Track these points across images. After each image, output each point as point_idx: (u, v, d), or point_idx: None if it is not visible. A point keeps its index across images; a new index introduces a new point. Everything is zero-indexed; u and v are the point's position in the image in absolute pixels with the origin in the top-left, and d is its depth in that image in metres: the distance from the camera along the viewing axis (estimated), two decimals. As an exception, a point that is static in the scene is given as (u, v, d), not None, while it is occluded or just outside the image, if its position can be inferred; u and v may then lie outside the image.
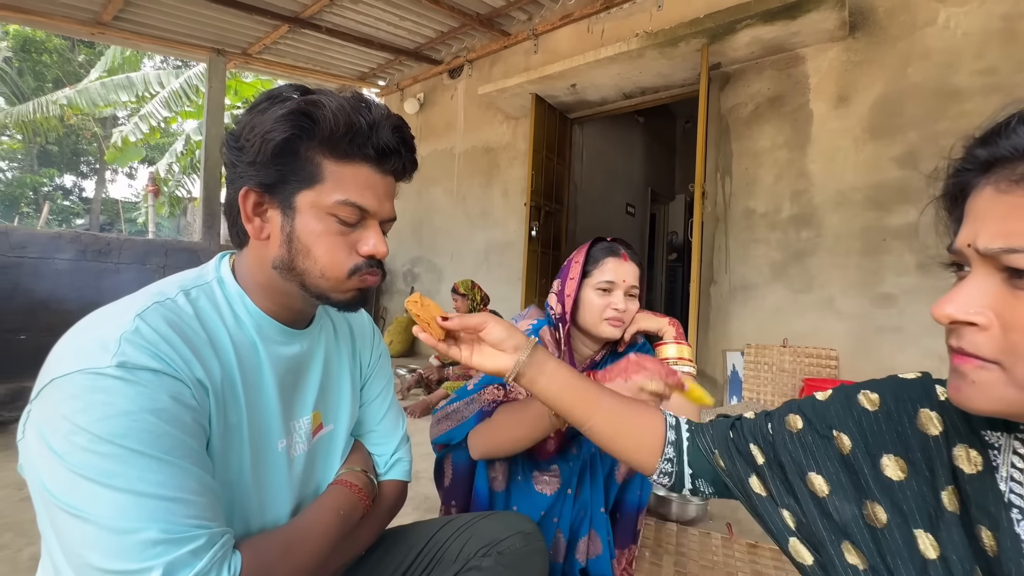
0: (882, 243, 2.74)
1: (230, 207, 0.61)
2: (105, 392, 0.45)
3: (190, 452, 0.49)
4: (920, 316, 2.60)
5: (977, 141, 0.40)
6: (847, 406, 0.52)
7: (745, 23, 2.84)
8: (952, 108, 2.55)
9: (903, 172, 2.68)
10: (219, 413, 0.55)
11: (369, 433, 0.81)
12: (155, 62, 12.38)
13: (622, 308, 1.08)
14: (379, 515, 0.76)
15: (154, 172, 10.96)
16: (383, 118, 0.59)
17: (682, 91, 3.69)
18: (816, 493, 0.50)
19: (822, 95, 2.95)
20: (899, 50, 2.70)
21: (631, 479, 1.14)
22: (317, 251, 0.59)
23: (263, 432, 0.61)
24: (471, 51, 4.77)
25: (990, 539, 0.40)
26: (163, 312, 0.53)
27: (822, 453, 0.51)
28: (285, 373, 0.65)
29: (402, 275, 5.47)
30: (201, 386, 0.53)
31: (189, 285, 0.59)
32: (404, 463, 0.83)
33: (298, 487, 0.67)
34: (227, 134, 0.60)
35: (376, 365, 0.82)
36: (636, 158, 5.89)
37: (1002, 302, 0.36)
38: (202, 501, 0.48)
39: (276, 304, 0.63)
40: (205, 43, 4.71)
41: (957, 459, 0.44)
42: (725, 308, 3.31)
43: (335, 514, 0.66)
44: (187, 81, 8.13)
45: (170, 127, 13.02)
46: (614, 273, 1.09)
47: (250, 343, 0.61)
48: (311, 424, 0.69)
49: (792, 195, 3.05)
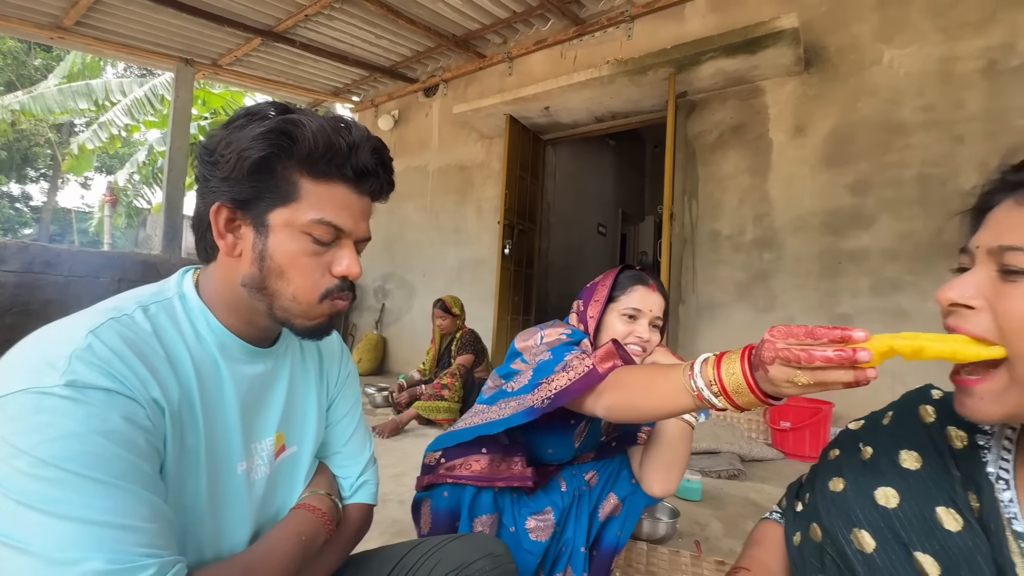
0: (838, 266, 2.88)
1: (199, 221, 0.59)
2: (50, 413, 0.42)
3: (142, 476, 0.46)
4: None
5: (1012, 168, 0.47)
6: (874, 426, 0.62)
7: (709, 55, 2.99)
8: (897, 141, 2.74)
9: (855, 199, 2.85)
10: (175, 435, 0.52)
11: (335, 455, 0.79)
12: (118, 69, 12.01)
13: (646, 337, 1.07)
14: (343, 540, 0.73)
15: (112, 182, 10.53)
16: (363, 139, 0.59)
17: (651, 117, 3.82)
18: (835, 490, 0.57)
19: (781, 125, 3.12)
20: (850, 86, 2.89)
21: (613, 518, 1.13)
22: (290, 272, 0.57)
23: (222, 454, 0.59)
24: (446, 71, 4.83)
25: (975, 501, 0.48)
26: (119, 329, 0.50)
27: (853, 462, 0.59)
28: (248, 393, 0.62)
29: (373, 291, 5.39)
30: (157, 406, 0.50)
31: (148, 301, 0.57)
32: (371, 486, 0.80)
33: (258, 512, 0.64)
34: (201, 148, 0.58)
35: (344, 384, 0.80)
36: (607, 180, 6.04)
37: (994, 291, 0.44)
38: (153, 528, 0.45)
39: (242, 322, 0.61)
40: (173, 52, 4.61)
41: (949, 438, 0.53)
42: (693, 327, 3.39)
43: (296, 540, 0.63)
44: (152, 90, 7.90)
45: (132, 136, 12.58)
46: (641, 301, 1.08)
47: (211, 361, 0.59)
48: (274, 446, 0.66)
49: (754, 219, 3.19)
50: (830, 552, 0.54)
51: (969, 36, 2.57)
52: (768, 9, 3.10)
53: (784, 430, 2.66)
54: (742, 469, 2.30)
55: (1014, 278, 0.42)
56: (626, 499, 1.13)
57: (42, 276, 3.56)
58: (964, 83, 2.58)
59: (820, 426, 2.59)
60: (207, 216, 0.57)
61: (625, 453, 1.19)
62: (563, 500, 1.13)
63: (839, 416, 2.76)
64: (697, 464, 2.30)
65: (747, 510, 1.90)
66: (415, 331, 4.92)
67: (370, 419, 3.11)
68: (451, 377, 2.99)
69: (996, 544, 0.45)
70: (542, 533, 1.08)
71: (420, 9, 3.89)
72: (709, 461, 2.35)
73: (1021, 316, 0.41)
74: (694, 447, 2.44)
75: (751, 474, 2.34)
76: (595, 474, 1.18)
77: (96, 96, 8.21)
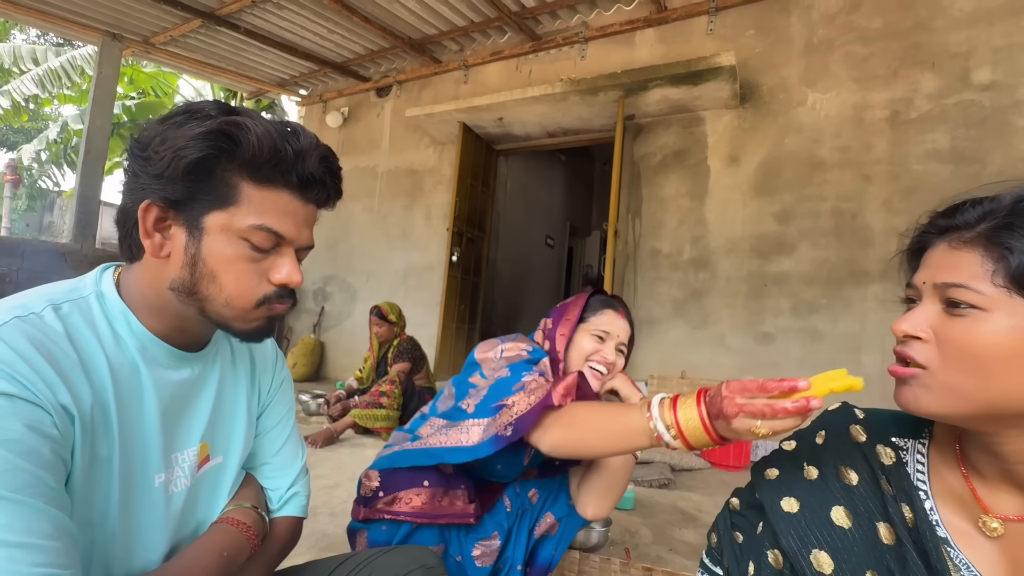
0: (763, 287, 3.11)
1: (125, 217, 0.55)
2: None
3: (44, 489, 0.42)
4: (792, 353, 2.97)
5: (939, 214, 0.54)
6: (810, 447, 0.65)
7: (656, 83, 3.16)
8: (817, 176, 3.01)
9: (780, 227, 3.10)
10: (85, 444, 0.48)
11: (264, 465, 0.75)
12: (29, 35, 10.86)
13: (611, 359, 1.11)
14: (268, 555, 0.70)
15: (15, 159, 9.45)
16: (311, 147, 0.57)
17: (600, 136, 3.97)
18: (791, 511, 0.59)
19: (717, 154, 3.34)
20: (778, 123, 3.16)
21: (549, 537, 1.15)
22: (224, 277, 0.55)
23: (137, 465, 0.55)
24: (401, 72, 4.77)
25: (909, 512, 0.53)
26: (25, 328, 0.46)
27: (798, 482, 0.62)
28: (171, 400, 0.58)
29: (312, 294, 5.17)
30: (66, 413, 0.46)
31: (60, 299, 0.52)
32: (301, 498, 0.77)
33: (175, 527, 0.60)
34: (133, 141, 0.54)
35: (277, 391, 0.77)
36: (557, 193, 6.18)
37: (940, 324, 0.50)
38: (54, 546, 0.41)
39: (167, 325, 0.58)
40: (98, 25, 4.23)
41: (879, 455, 0.58)
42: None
43: (217, 555, 0.59)
44: (70, 61, 7.18)
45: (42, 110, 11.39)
46: (611, 324, 1.14)
47: (131, 366, 0.55)
48: (197, 456, 0.62)
49: (692, 239, 3.38)
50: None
51: (878, 88, 2.89)
52: (710, 45, 3.33)
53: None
54: (672, 478, 2.41)
55: (958, 311, 0.48)
56: (562, 520, 1.15)
57: (-80, 260, 3.12)
58: (873, 128, 2.89)
59: (743, 436, 2.77)
60: (134, 213, 0.54)
61: (567, 472, 1.21)
62: (508, 520, 1.13)
63: (760, 427, 2.97)
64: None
65: (675, 517, 1.99)
66: (355, 336, 4.77)
67: (303, 428, 2.97)
68: (390, 384, 2.92)
69: (930, 551, 0.50)
70: (487, 559, 1.08)
71: (376, 8, 3.83)
72: (642, 470, 2.45)
73: (959, 344, 0.48)
74: (629, 456, 2.53)
75: (680, 483, 2.46)
76: (536, 492, 1.19)
77: (2, 61, 7.36)
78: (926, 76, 2.77)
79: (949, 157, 2.69)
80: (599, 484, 1.10)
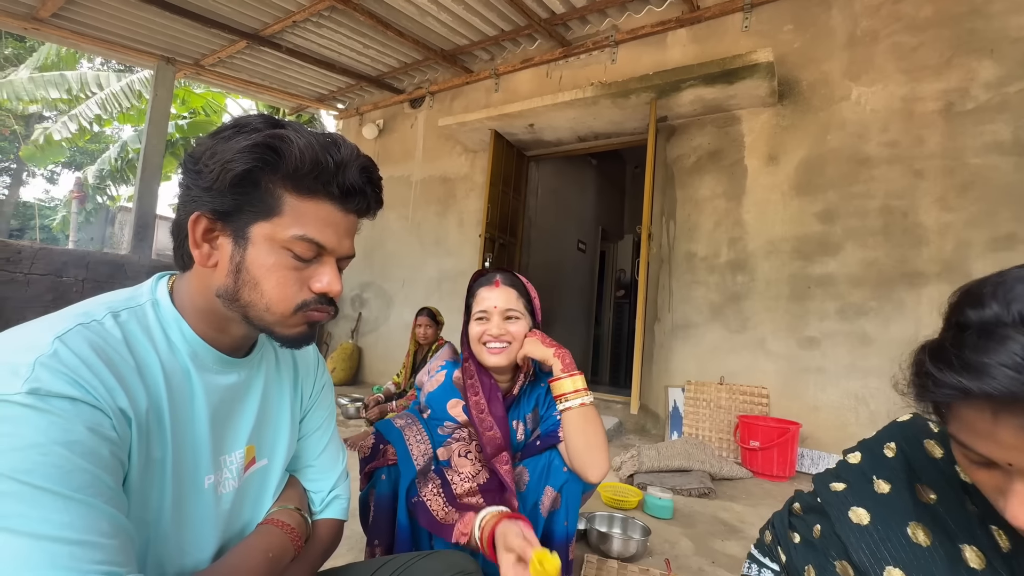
0: (807, 290, 2.99)
1: (178, 228, 0.59)
2: (11, 422, 0.41)
3: (103, 489, 0.45)
4: (840, 358, 2.82)
5: (956, 367, 0.40)
6: (879, 459, 0.61)
7: (689, 83, 3.09)
8: (863, 173, 2.87)
9: (823, 227, 2.96)
10: (141, 446, 0.51)
11: (306, 468, 0.77)
12: (95, 63, 11.68)
13: (495, 332, 1.10)
14: (312, 557, 0.72)
15: (81, 177, 10.17)
16: (352, 158, 0.58)
17: (632, 139, 3.92)
18: (860, 523, 0.56)
19: (755, 153, 3.24)
20: (820, 119, 3.03)
21: (556, 511, 1.13)
22: (265, 284, 0.57)
23: (189, 467, 0.57)
24: (433, 83, 4.87)
25: (1002, 538, 0.48)
26: (87, 335, 0.49)
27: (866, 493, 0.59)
28: (219, 404, 0.61)
29: (350, 300, 5.31)
30: (123, 416, 0.49)
31: (119, 307, 0.55)
32: (342, 500, 0.79)
33: (224, 527, 0.62)
34: (186, 155, 0.57)
35: (318, 396, 0.79)
36: (588, 197, 6.13)
37: None
38: (113, 544, 0.44)
39: (215, 331, 0.60)
40: (154, 50, 4.52)
41: (960, 473, 0.53)
42: (668, 345, 3.45)
43: (263, 556, 0.61)
44: (129, 85, 7.69)
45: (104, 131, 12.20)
46: (485, 301, 1.13)
47: (183, 371, 0.58)
48: (244, 459, 0.65)
49: (729, 241, 3.28)
50: None
51: (929, 79, 2.74)
52: (745, 42, 3.24)
53: (753, 449, 2.72)
54: (712, 487, 2.33)
55: None
56: (562, 488, 1.13)
57: (1, 273, 3.40)
58: (924, 121, 2.73)
59: (787, 446, 2.65)
60: (186, 224, 0.57)
61: (554, 448, 1.20)
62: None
63: (805, 436, 2.84)
64: (669, 482, 2.32)
65: (717, 528, 1.93)
66: (391, 341, 4.87)
67: (342, 431, 3.04)
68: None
69: None
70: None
71: (409, 22, 3.92)
72: (680, 479, 2.38)
73: None
74: (666, 464, 2.46)
75: (721, 492, 2.37)
76: (523, 469, 1.18)
77: (70, 87, 7.95)
78: (984, 64, 2.60)
79: (1012, 149, 2.51)
80: (578, 446, 1.07)
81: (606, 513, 1.82)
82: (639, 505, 2.08)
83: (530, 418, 1.22)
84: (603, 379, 6.35)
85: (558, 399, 1.08)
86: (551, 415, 1.19)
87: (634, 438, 3.36)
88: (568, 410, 1.06)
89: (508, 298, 1.13)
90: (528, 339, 1.12)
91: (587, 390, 1.09)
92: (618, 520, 1.78)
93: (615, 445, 3.16)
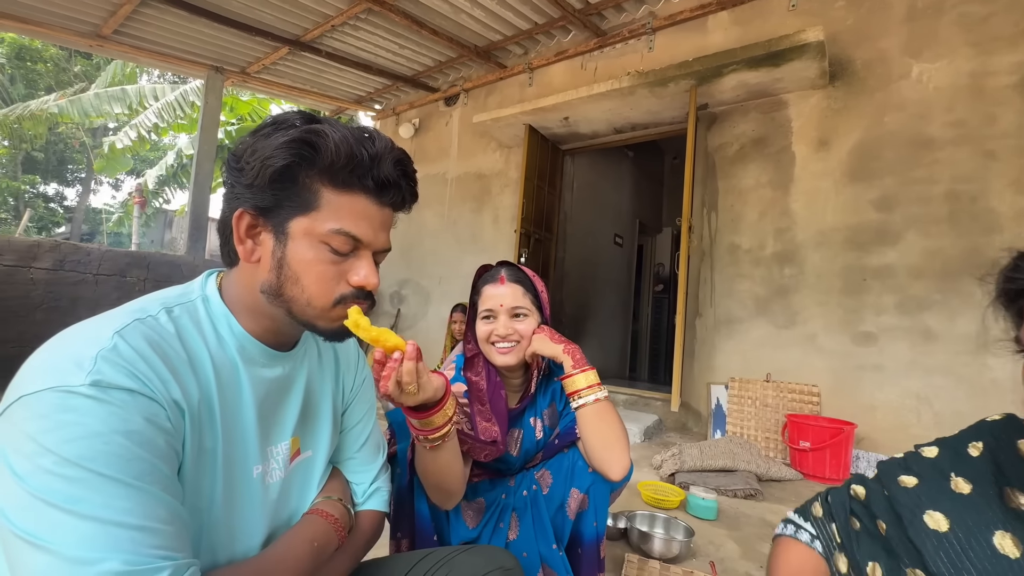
0: (862, 283, 2.81)
1: (224, 226, 0.60)
2: (76, 412, 0.43)
3: (161, 477, 0.47)
4: (899, 355, 2.65)
5: None
6: (961, 457, 0.57)
7: (731, 68, 2.97)
8: (926, 156, 2.67)
9: (880, 215, 2.78)
10: (194, 436, 0.53)
11: (348, 460, 0.79)
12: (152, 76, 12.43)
13: (502, 333, 1.07)
14: (354, 547, 0.73)
15: (142, 183, 10.86)
16: (386, 151, 0.59)
17: (671, 128, 3.80)
18: (937, 529, 0.52)
19: (804, 139, 3.07)
20: (876, 100, 2.84)
21: (584, 512, 1.10)
22: (305, 279, 0.58)
23: (238, 457, 0.59)
24: (467, 80, 4.89)
25: None
26: (143, 330, 0.51)
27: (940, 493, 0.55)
28: (265, 396, 0.63)
29: (389, 297, 5.43)
30: (177, 408, 0.51)
31: (172, 303, 0.58)
32: (383, 492, 0.80)
33: (272, 515, 0.64)
34: (229, 154, 0.59)
35: (359, 390, 0.81)
36: (625, 191, 6.01)
37: None
38: (169, 530, 0.45)
39: (261, 327, 0.62)
40: (204, 60, 4.75)
41: None
42: (710, 341, 3.34)
43: (309, 546, 0.63)
44: (183, 95, 8.15)
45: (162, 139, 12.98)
46: (492, 299, 1.09)
47: (231, 364, 0.60)
48: (289, 450, 0.66)
49: (775, 232, 3.13)
50: None
51: (1001, 51, 2.51)
52: (793, 22, 3.07)
53: (804, 450, 2.59)
54: (759, 489, 2.24)
55: None
56: (589, 490, 1.09)
57: (72, 274, 3.67)
58: (996, 98, 2.51)
59: (841, 447, 2.51)
60: (231, 222, 0.58)
61: (575, 447, 1.16)
62: (509, 496, 1.12)
63: (861, 438, 2.68)
64: (712, 482, 2.25)
65: (764, 531, 1.85)
66: (430, 337, 4.94)
67: (382, 424, 3.11)
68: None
69: None
70: (471, 520, 1.08)
71: (443, 20, 3.95)
72: (725, 479, 2.30)
73: None
74: (709, 464, 2.39)
75: (768, 494, 2.28)
76: (546, 472, 1.15)
77: (130, 100, 8.50)
78: (1067, 31, 2.37)
79: (1101, 124, 2.27)
80: (596, 444, 1.03)
81: (647, 512, 1.78)
82: (681, 505, 2.02)
83: (547, 414, 1.19)
84: (641, 376, 6.23)
85: (571, 396, 1.05)
86: (569, 412, 1.17)
87: (675, 436, 3.28)
88: (583, 407, 1.03)
89: (515, 295, 1.09)
90: (536, 336, 1.09)
91: (600, 385, 1.05)
92: (660, 520, 1.74)
93: (655, 443, 3.09)
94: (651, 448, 2.93)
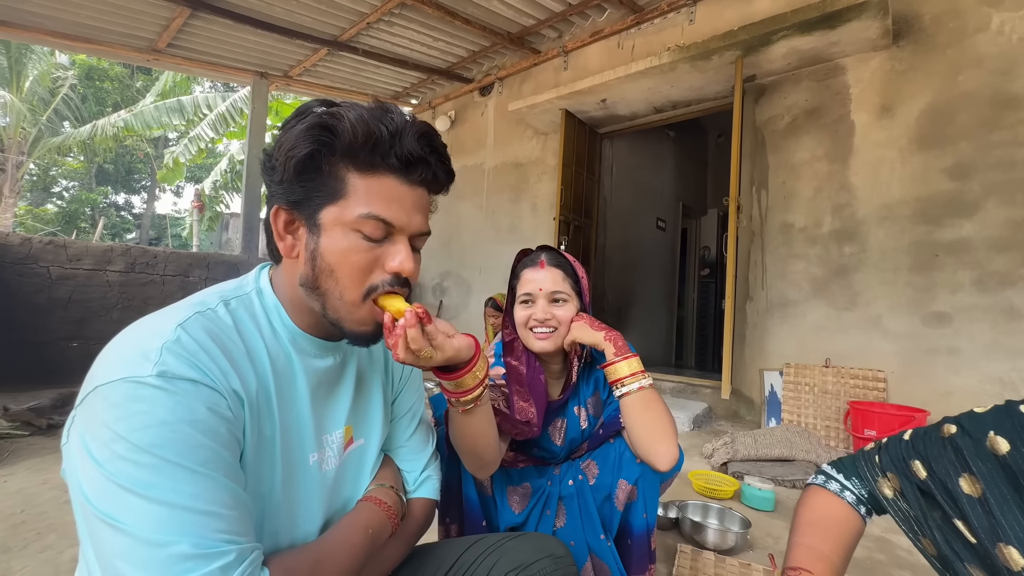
0: (934, 259, 2.60)
1: (267, 224, 0.61)
2: (145, 401, 0.45)
3: (224, 464, 0.49)
4: (977, 336, 2.43)
5: None
6: (1003, 414, 0.54)
7: (781, 34, 2.78)
8: (1008, 116, 2.42)
9: (955, 184, 2.55)
10: (253, 425, 0.55)
11: (398, 449, 0.80)
12: (204, 87, 13.11)
13: (540, 317, 1.04)
14: (407, 534, 0.74)
15: (200, 190, 11.54)
16: (407, 125, 0.57)
17: (715, 104, 3.63)
18: (973, 494, 0.51)
19: (864, 106, 2.85)
20: (948, 58, 2.59)
21: (633, 503, 1.07)
22: (340, 271, 0.57)
23: (296, 445, 0.61)
24: (501, 69, 4.84)
25: None
26: (203, 322, 0.53)
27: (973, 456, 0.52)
28: (318, 386, 0.64)
29: (431, 289, 5.53)
30: (237, 397, 0.52)
31: (229, 296, 0.60)
32: (433, 480, 0.81)
33: (328, 502, 0.66)
34: (263, 154, 0.60)
35: (408, 379, 0.81)
36: (667, 172, 5.81)
37: None
38: (233, 515, 0.47)
39: (306, 321, 0.63)
40: (249, 67, 4.95)
41: None
42: (762, 326, 3.19)
43: (364, 533, 0.64)
44: (233, 104, 8.57)
45: (216, 147, 13.71)
46: (529, 284, 1.06)
47: (285, 355, 0.61)
48: (343, 438, 0.68)
49: (833, 209, 2.94)
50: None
51: (1102, -9, 2.22)
52: (849, -21, 2.84)
53: (869, 439, 2.44)
54: (820, 479, 2.13)
55: None
56: (638, 481, 1.06)
57: (142, 275, 3.96)
58: (1095, 46, 2.24)
59: (912, 436, 2.35)
60: (271, 220, 0.59)
61: (621, 436, 1.12)
62: (554, 484, 1.11)
63: (935, 425, 2.49)
64: (768, 471, 2.16)
65: (827, 524, 1.75)
66: (471, 328, 4.99)
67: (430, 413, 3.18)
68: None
69: None
70: (517, 505, 1.07)
71: (475, 9, 3.92)
72: (782, 469, 2.20)
73: None
74: (764, 453, 2.29)
75: (830, 485, 2.16)
76: (592, 463, 1.12)
77: (186, 111, 9.03)
78: None
79: None
80: (642, 435, 0.99)
81: (700, 502, 1.73)
82: (735, 495, 1.96)
83: (591, 402, 1.16)
84: (688, 363, 6.06)
85: (614, 385, 1.01)
86: (613, 400, 1.13)
87: (726, 424, 3.17)
88: (626, 395, 1.00)
89: (554, 279, 1.06)
90: (575, 323, 1.06)
91: (644, 372, 1.01)
92: (714, 510, 1.68)
93: (704, 431, 3.00)
94: (701, 436, 2.85)
